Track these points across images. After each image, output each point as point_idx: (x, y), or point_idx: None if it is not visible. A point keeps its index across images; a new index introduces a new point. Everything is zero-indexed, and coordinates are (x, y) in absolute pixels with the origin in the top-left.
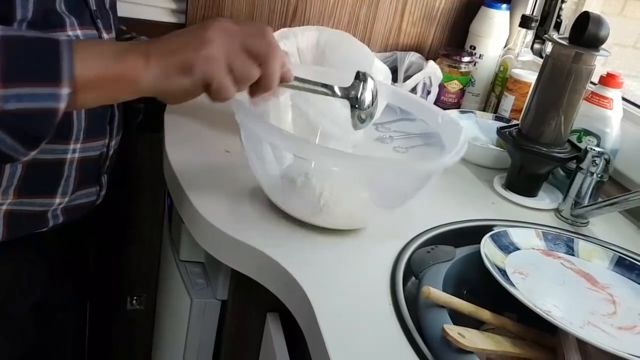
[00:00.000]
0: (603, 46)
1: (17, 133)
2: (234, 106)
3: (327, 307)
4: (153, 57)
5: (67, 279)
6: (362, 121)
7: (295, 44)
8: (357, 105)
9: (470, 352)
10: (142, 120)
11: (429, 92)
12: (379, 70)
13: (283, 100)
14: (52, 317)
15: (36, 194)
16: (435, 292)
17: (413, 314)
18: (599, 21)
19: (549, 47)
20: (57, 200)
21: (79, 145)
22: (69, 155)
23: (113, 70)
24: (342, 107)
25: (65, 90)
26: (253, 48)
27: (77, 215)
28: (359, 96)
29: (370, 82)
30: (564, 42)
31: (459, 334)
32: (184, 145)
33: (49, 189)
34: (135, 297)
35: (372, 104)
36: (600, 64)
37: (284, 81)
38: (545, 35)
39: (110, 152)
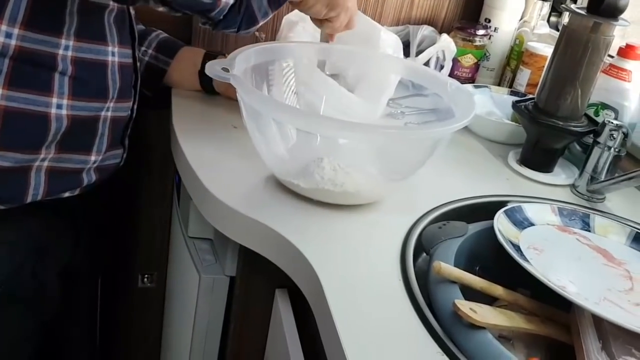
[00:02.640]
0: (622, 16)
1: None
2: (235, 84)
3: (336, 283)
4: None
5: (88, 246)
6: None
7: (311, 26)
8: None
9: (482, 328)
10: (150, 97)
11: (442, 67)
12: (387, 42)
13: (288, 88)
14: (74, 284)
15: (75, 149)
16: (446, 267)
17: (424, 290)
18: None
19: (565, 19)
20: (93, 158)
21: (112, 104)
22: (103, 113)
23: None
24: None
25: None
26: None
27: (105, 176)
28: None
29: None
30: (582, 12)
31: (471, 309)
32: (191, 122)
33: (87, 145)
34: (146, 275)
35: None
36: (619, 35)
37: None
38: (563, 5)
39: (134, 115)
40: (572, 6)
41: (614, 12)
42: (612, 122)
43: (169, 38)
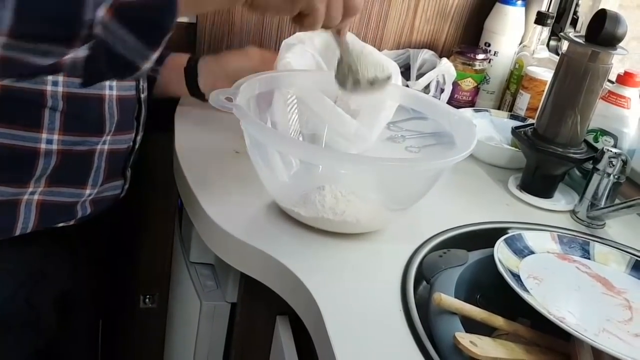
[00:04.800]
0: (620, 44)
1: (140, 27)
2: (238, 114)
3: (336, 312)
4: None
5: (89, 272)
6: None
7: (311, 47)
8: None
9: None
10: (153, 119)
11: (442, 90)
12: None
13: (289, 98)
14: (71, 311)
15: (68, 183)
16: (446, 298)
17: (424, 320)
18: (616, 19)
19: (565, 45)
20: (87, 191)
21: (109, 137)
22: (99, 146)
23: None
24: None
25: None
26: (351, 2)
27: (103, 207)
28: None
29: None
30: (580, 41)
31: (471, 342)
32: (194, 146)
33: (81, 179)
34: (148, 296)
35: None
36: (618, 59)
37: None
38: (561, 33)
39: (137, 146)
40: (571, 33)
41: (612, 41)
42: (610, 150)
43: None
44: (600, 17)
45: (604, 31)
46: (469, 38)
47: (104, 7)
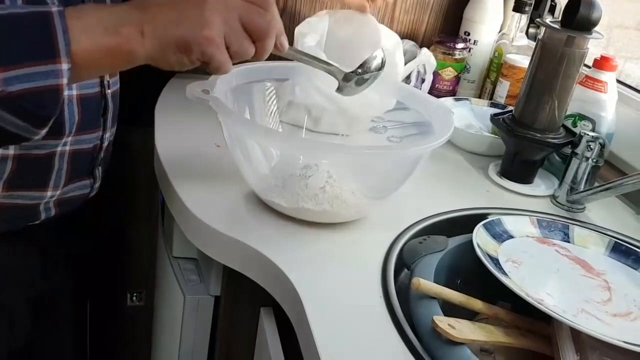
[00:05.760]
0: (597, 28)
1: (26, 114)
2: (215, 106)
3: (317, 301)
4: (148, 30)
5: (63, 272)
6: (362, 83)
7: (319, 32)
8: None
9: (462, 343)
10: (133, 115)
11: (423, 80)
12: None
13: (267, 89)
14: (51, 311)
15: (27, 187)
16: (425, 283)
17: (405, 306)
18: (590, 3)
19: (542, 32)
20: (49, 193)
21: (70, 139)
22: (59, 148)
23: (108, 44)
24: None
25: (65, 66)
26: (252, 25)
27: (69, 207)
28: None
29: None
30: (556, 26)
31: (449, 325)
32: (175, 141)
33: (40, 182)
34: (135, 294)
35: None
36: (602, 46)
37: (277, 50)
38: (538, 20)
39: (105, 144)
40: (547, 20)
41: (587, 26)
42: (588, 134)
43: None
44: (575, 2)
45: (578, 16)
46: (448, 27)
47: None
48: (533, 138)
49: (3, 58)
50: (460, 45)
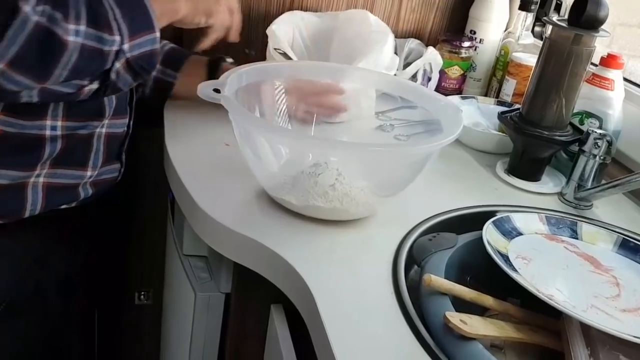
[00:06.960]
0: (603, 26)
1: (137, 73)
2: (226, 105)
3: (329, 298)
4: (188, 3)
5: (87, 259)
6: None
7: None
8: None
9: (473, 339)
10: (143, 114)
11: (429, 79)
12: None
13: (277, 88)
14: (71, 295)
15: (70, 165)
16: (436, 279)
17: (416, 302)
18: (597, 2)
19: (548, 30)
20: (88, 173)
21: (107, 121)
22: (97, 130)
23: (171, 9)
24: None
25: (158, 34)
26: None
27: (102, 189)
28: None
29: None
30: (563, 24)
31: (461, 320)
32: (184, 139)
33: (82, 161)
34: (142, 292)
35: None
36: (605, 45)
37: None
38: (544, 18)
39: (130, 131)
40: (554, 18)
41: (594, 24)
42: (595, 131)
43: (174, 49)
44: (583, 1)
45: (586, 14)
46: (454, 26)
47: (121, 61)
48: (541, 136)
49: (131, 30)
50: (466, 44)
